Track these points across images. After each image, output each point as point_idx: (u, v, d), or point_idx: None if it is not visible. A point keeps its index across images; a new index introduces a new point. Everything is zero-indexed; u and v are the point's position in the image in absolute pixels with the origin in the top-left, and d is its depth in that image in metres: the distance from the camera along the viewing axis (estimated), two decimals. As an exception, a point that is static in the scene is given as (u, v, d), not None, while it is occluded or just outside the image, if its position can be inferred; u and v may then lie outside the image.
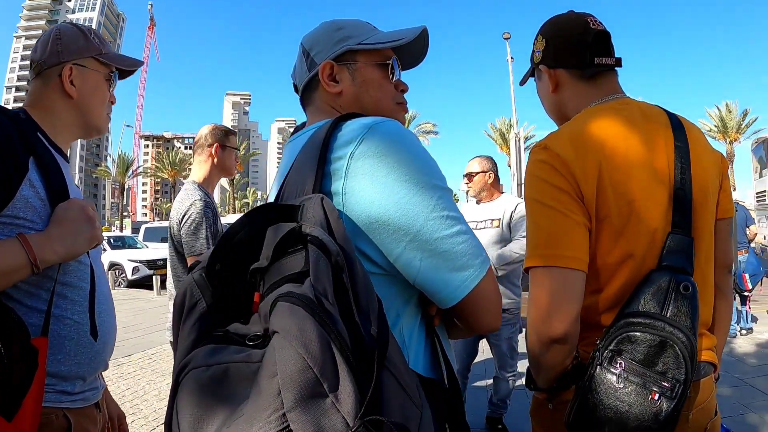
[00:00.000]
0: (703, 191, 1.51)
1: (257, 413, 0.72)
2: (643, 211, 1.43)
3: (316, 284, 0.80)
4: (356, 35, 1.35)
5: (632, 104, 1.61)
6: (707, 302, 1.56)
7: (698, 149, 1.55)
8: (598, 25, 1.65)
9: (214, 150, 3.35)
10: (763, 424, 4.79)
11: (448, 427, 1.09)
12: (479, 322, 1.17)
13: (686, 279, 1.35)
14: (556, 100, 1.77)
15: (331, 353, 0.73)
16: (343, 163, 1.08)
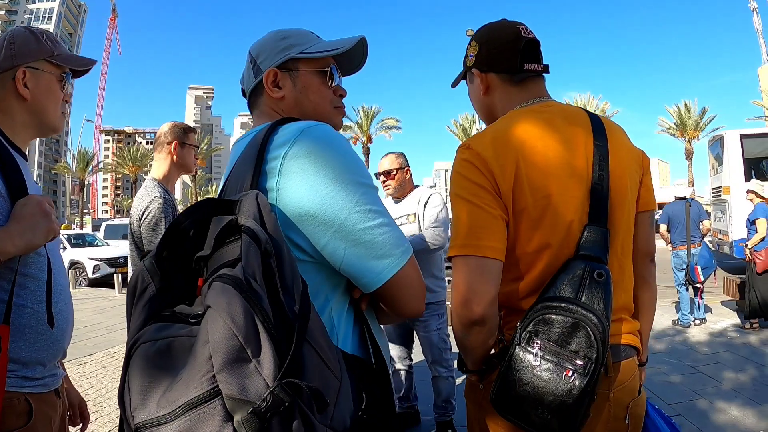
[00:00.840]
0: (620, 186, 1.63)
1: (192, 375, 0.86)
2: (559, 204, 1.54)
3: (246, 268, 0.94)
4: (299, 44, 1.47)
5: (555, 107, 1.73)
6: (626, 289, 1.70)
7: (617, 148, 1.67)
8: (528, 34, 1.76)
9: (173, 147, 3.41)
10: (711, 409, 5.02)
11: (371, 400, 1.22)
12: (403, 306, 1.31)
13: (600, 267, 1.47)
14: (486, 103, 1.87)
15: (254, 325, 0.87)
16: (278, 163, 1.22)
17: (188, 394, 0.85)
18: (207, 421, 0.84)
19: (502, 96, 1.81)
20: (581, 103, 55.03)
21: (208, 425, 0.84)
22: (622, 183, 1.64)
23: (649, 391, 5.50)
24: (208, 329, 0.87)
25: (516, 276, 1.60)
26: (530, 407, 1.40)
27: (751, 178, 14.79)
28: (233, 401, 0.84)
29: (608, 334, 1.40)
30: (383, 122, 58.70)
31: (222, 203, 1.13)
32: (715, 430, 4.57)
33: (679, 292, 8.82)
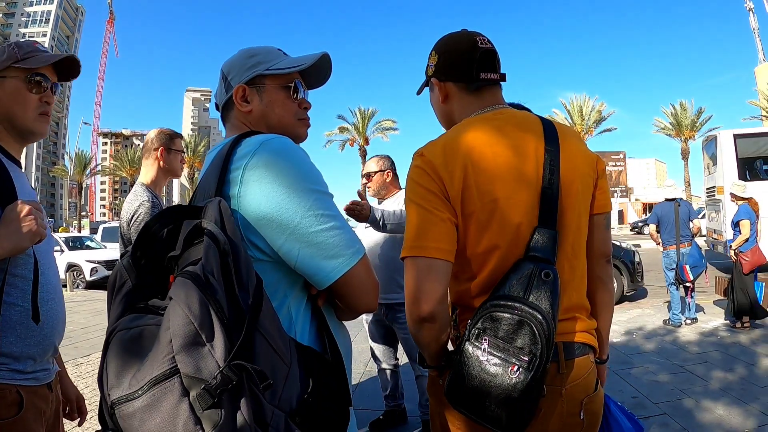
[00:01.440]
0: (571, 191, 1.69)
1: (156, 356, 1.01)
2: (507, 208, 1.62)
3: (205, 265, 1.08)
4: (266, 61, 1.61)
5: (507, 114, 1.80)
6: (578, 288, 1.76)
7: (569, 153, 1.73)
8: (486, 44, 1.83)
9: (160, 153, 3.56)
10: (697, 408, 5.05)
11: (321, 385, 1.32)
12: (355, 302, 1.46)
13: (548, 267, 1.55)
14: (445, 110, 1.94)
15: (208, 314, 1.02)
16: (239, 173, 1.35)
17: (153, 372, 1.00)
18: (168, 396, 0.98)
19: (460, 104, 1.87)
20: (577, 103, 55.05)
21: (169, 399, 0.98)
22: (573, 187, 1.70)
23: (636, 390, 5.59)
24: (170, 317, 1.01)
25: (468, 276, 1.69)
26: (479, 400, 1.49)
27: (745, 177, 14.88)
28: (189, 379, 0.98)
29: (554, 331, 1.48)
30: (380, 124, 58.61)
31: (190, 209, 1.27)
32: (700, 429, 4.61)
33: (669, 292, 8.91)
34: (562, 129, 1.80)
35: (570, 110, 55.31)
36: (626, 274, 11.34)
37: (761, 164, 15.86)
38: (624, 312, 10.11)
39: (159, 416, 0.97)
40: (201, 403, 0.97)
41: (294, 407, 1.19)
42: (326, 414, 1.32)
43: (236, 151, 1.39)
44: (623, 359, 6.88)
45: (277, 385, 1.13)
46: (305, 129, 1.71)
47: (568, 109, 55.60)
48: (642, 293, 12.67)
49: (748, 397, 5.27)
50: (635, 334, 8.27)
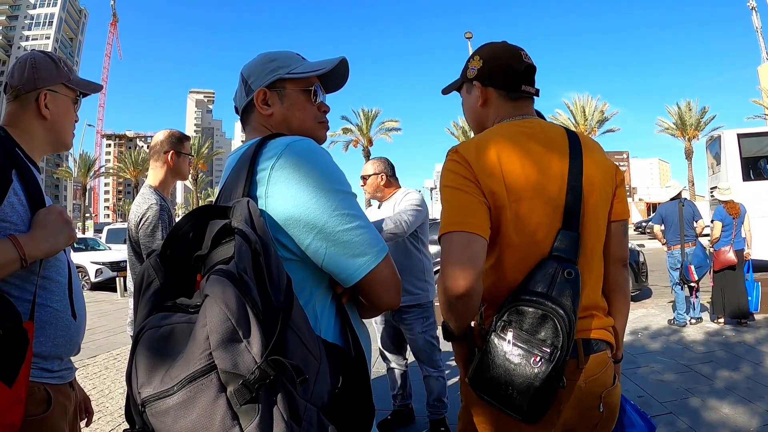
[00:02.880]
0: (592, 197, 1.80)
1: (193, 353, 1.02)
2: (531, 209, 1.73)
3: (238, 264, 1.10)
4: (286, 65, 1.64)
5: (535, 123, 1.91)
6: (594, 288, 1.87)
7: (592, 162, 1.84)
8: (528, 60, 1.95)
9: (170, 157, 3.55)
10: (703, 407, 5.06)
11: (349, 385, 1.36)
12: (379, 299, 1.49)
13: (571, 266, 1.67)
14: (481, 113, 2.02)
15: (245, 310, 1.04)
16: (266, 174, 1.38)
17: (188, 369, 1.01)
18: (204, 392, 0.99)
19: (497, 109, 1.97)
20: (580, 103, 55.01)
21: (206, 395, 0.99)
22: (593, 195, 1.81)
23: (642, 390, 5.60)
24: (206, 314, 1.03)
25: (495, 271, 1.77)
26: (502, 388, 1.59)
27: (748, 177, 14.90)
28: (227, 374, 1.00)
29: (574, 326, 1.59)
30: (383, 124, 58.56)
31: (217, 209, 1.29)
32: (705, 428, 4.61)
33: (674, 292, 8.94)
34: (585, 140, 1.92)
35: (573, 110, 55.29)
36: (631, 274, 11.28)
37: (765, 164, 15.85)
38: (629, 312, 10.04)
39: (195, 412, 0.99)
40: (238, 399, 0.99)
41: (325, 402, 1.21)
42: (353, 411, 1.36)
43: (262, 153, 1.42)
44: (629, 359, 6.87)
45: (310, 380, 1.15)
46: (324, 132, 1.74)
47: (571, 109, 55.59)
48: (647, 293, 12.63)
49: (753, 396, 5.28)
50: (640, 334, 8.27)
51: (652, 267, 13.49)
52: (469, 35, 29.36)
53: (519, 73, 1.92)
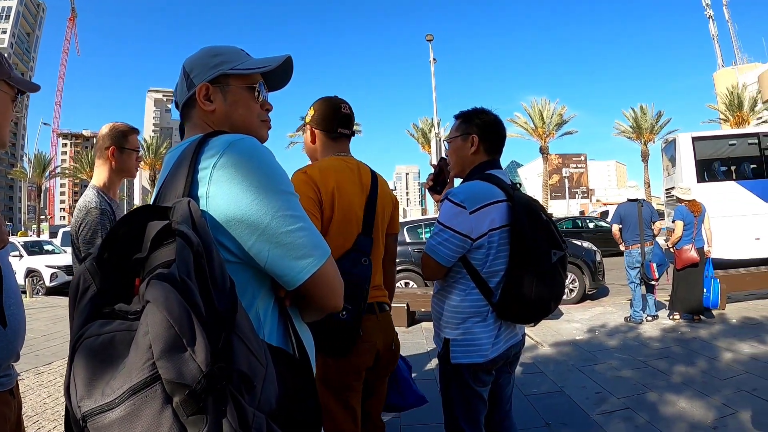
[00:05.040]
0: (380, 214, 2.67)
1: (135, 363, 0.96)
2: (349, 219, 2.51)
3: (180, 267, 1.05)
4: (230, 61, 1.61)
5: (352, 160, 2.73)
6: (378, 271, 2.71)
7: (382, 190, 2.73)
8: (347, 110, 2.75)
9: (112, 153, 3.30)
10: (660, 402, 5.16)
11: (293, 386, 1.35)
12: (323, 301, 1.47)
13: (366, 257, 2.46)
14: (312, 148, 2.82)
15: (189, 317, 0.98)
16: (208, 173, 1.33)
17: (131, 380, 0.94)
18: (149, 404, 0.94)
19: (323, 145, 2.75)
20: (538, 107, 55.48)
21: (151, 407, 0.94)
22: (381, 214, 2.70)
23: (599, 386, 5.70)
24: (148, 321, 0.97)
25: None
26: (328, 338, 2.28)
27: (702, 179, 15.27)
28: (172, 384, 0.94)
29: (367, 294, 2.40)
30: None
31: (157, 209, 1.24)
32: (663, 422, 4.68)
33: (631, 290, 9.10)
34: (379, 177, 2.77)
35: (531, 114, 55.72)
36: (588, 273, 11.58)
37: (719, 166, 16.27)
38: (586, 310, 10.31)
39: (140, 426, 0.94)
40: (185, 410, 0.94)
41: (273, 408, 1.18)
42: (301, 415, 1.35)
43: (203, 151, 1.38)
44: (586, 356, 7.00)
45: (257, 386, 1.12)
46: (266, 130, 1.72)
47: (529, 112, 55.97)
48: (604, 291, 12.93)
49: (709, 389, 5.39)
50: (598, 332, 8.42)
51: (609, 266, 13.68)
52: (430, 38, 29.45)
53: (337, 120, 2.71)
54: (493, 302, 2.61)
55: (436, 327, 2.84)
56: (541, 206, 2.77)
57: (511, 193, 2.67)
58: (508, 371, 2.89)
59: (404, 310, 9.29)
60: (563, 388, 5.73)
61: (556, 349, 7.49)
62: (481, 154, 2.87)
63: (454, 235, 2.59)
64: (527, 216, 2.60)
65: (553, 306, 2.67)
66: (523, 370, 6.46)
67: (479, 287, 2.64)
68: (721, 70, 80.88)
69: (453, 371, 2.69)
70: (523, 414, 4.93)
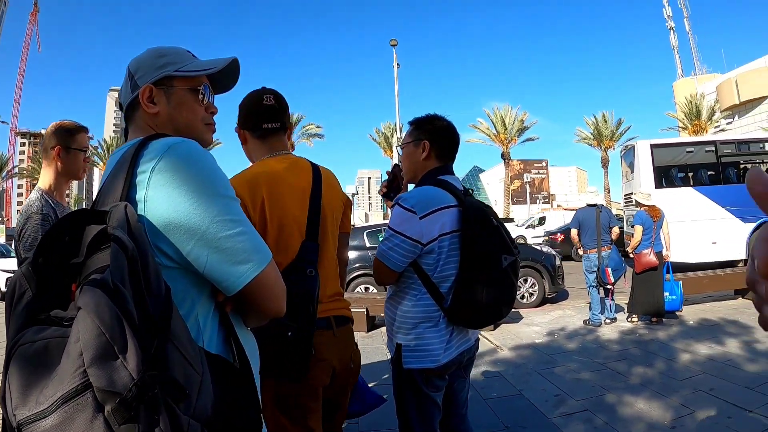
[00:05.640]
0: (328, 215, 2.42)
1: (66, 371, 0.93)
2: (288, 229, 2.26)
3: (113, 273, 1.02)
4: (175, 62, 1.57)
5: (287, 158, 2.46)
6: (333, 280, 2.49)
7: (328, 187, 2.47)
8: (270, 101, 2.46)
9: (57, 153, 3.12)
10: (619, 403, 5.22)
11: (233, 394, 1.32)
12: (265, 307, 1.45)
13: (312, 267, 2.19)
14: (245, 149, 2.58)
15: (120, 324, 0.96)
16: (146, 176, 1.30)
17: (63, 388, 0.92)
18: (81, 412, 0.91)
19: (252, 147, 2.53)
20: (500, 113, 56.21)
21: (82, 415, 0.91)
22: (329, 212, 2.43)
23: (558, 388, 5.76)
24: (79, 328, 0.95)
25: None
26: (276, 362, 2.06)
27: (660, 185, 15.55)
28: (103, 393, 0.92)
29: (315, 307, 2.14)
30: (306, 129, 57.47)
31: (94, 213, 1.21)
32: (622, 423, 4.73)
33: (590, 294, 9.23)
34: (324, 171, 2.53)
35: (493, 119, 56.38)
36: (547, 277, 11.73)
37: (676, 172, 16.59)
38: (546, 314, 10.42)
39: None
40: (117, 418, 0.92)
41: (209, 415, 1.15)
42: (241, 423, 1.32)
43: (143, 154, 1.34)
44: (546, 359, 7.06)
45: (191, 394, 1.09)
46: (211, 134, 1.69)
47: (491, 118, 56.69)
48: (563, 295, 13.10)
49: (667, 390, 5.49)
50: (557, 335, 8.51)
51: (569, 270, 13.84)
52: (395, 43, 29.67)
53: (259, 115, 2.45)
54: (445, 307, 2.60)
55: (389, 332, 2.83)
56: (493, 212, 2.78)
57: (462, 198, 2.66)
58: (462, 375, 2.88)
59: (364, 315, 9.27)
60: (522, 391, 5.75)
61: (516, 352, 7.53)
62: (432, 160, 2.83)
63: (405, 240, 2.57)
64: (478, 221, 2.59)
65: (505, 311, 2.67)
66: (483, 374, 6.49)
67: (430, 292, 2.62)
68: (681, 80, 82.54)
69: (406, 376, 2.66)
70: (482, 417, 4.96)
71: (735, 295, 10.75)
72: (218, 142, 54.38)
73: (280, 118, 2.48)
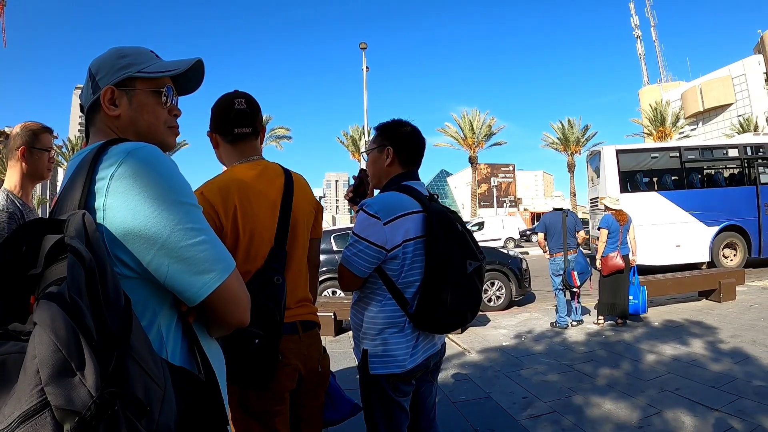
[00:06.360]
0: (299, 221, 2.43)
1: (23, 389, 0.88)
2: (258, 237, 2.26)
3: (70, 285, 0.98)
4: (138, 63, 1.52)
5: (259, 164, 2.45)
6: (302, 286, 2.50)
7: (300, 193, 2.47)
8: (242, 105, 2.43)
9: (21, 154, 3.13)
10: (586, 404, 5.27)
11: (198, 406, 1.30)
12: (228, 317, 1.40)
13: (279, 274, 2.22)
14: (217, 154, 2.57)
15: (77, 339, 0.91)
16: (105, 183, 1.25)
17: (21, 407, 0.87)
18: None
19: (224, 151, 2.51)
20: (468, 117, 56.44)
21: None
22: (299, 219, 2.43)
23: (526, 391, 5.79)
24: (35, 344, 0.90)
25: None
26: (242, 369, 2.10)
27: (626, 189, 15.78)
28: (61, 411, 0.87)
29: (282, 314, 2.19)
30: (273, 131, 56.80)
31: (52, 222, 1.16)
32: (589, 424, 4.77)
33: (556, 296, 9.34)
34: (296, 177, 2.54)
35: (461, 124, 56.62)
36: (514, 280, 11.86)
37: (641, 177, 16.86)
38: (513, 316, 10.49)
39: None
40: None
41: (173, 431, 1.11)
42: None
43: (102, 159, 1.29)
44: (513, 361, 7.10)
45: (154, 410, 1.05)
46: (174, 138, 1.64)
47: (459, 122, 56.90)
48: (530, 298, 13.24)
49: (633, 390, 5.57)
50: (524, 337, 8.56)
51: (535, 273, 14.00)
52: (364, 46, 29.67)
53: (230, 119, 2.42)
54: (410, 313, 2.59)
55: (355, 338, 2.81)
56: (458, 217, 2.79)
57: (427, 204, 2.65)
58: (429, 380, 2.87)
59: (331, 319, 9.22)
60: (491, 394, 5.77)
61: (484, 355, 7.55)
62: (396, 166, 2.82)
63: (369, 246, 2.55)
64: (442, 227, 2.58)
65: (470, 316, 2.67)
66: (451, 377, 6.50)
67: (395, 298, 2.61)
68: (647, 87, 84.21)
69: (372, 382, 2.65)
70: (451, 421, 4.98)
71: (699, 297, 11.01)
72: (185, 143, 53.89)
73: (251, 123, 2.46)
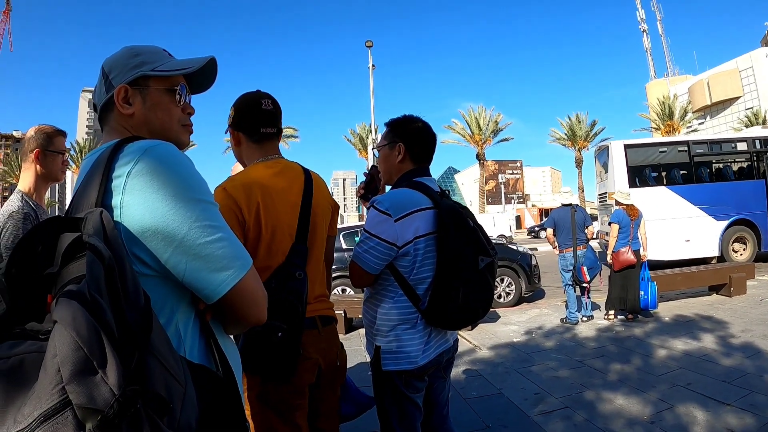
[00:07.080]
0: (318, 219, 2.48)
1: (44, 388, 0.88)
2: (280, 233, 2.31)
3: (90, 283, 0.97)
4: (151, 62, 1.52)
5: (282, 164, 2.50)
6: (320, 282, 2.55)
7: (318, 192, 2.52)
8: (269, 106, 2.49)
9: (35, 156, 3.19)
10: (598, 400, 5.26)
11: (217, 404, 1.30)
12: (245, 315, 1.41)
13: (300, 269, 2.27)
14: (237, 152, 2.60)
15: (98, 337, 0.91)
16: (122, 181, 1.25)
17: (41, 406, 0.86)
18: (61, 431, 0.86)
19: (246, 150, 2.54)
20: (475, 114, 56.53)
21: None
22: (319, 216, 2.49)
23: (537, 387, 5.79)
24: (56, 343, 0.89)
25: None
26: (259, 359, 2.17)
27: (634, 184, 15.70)
28: (83, 410, 0.86)
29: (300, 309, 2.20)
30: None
31: (68, 221, 1.15)
32: (601, 419, 4.75)
33: (566, 292, 9.33)
34: (315, 176, 2.59)
35: (468, 120, 56.58)
36: (524, 276, 11.85)
37: (650, 172, 16.79)
38: (523, 312, 10.47)
39: None
40: None
41: (194, 428, 1.11)
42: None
43: (118, 158, 1.29)
44: (524, 357, 7.10)
45: (175, 408, 1.04)
46: (188, 136, 1.65)
47: (466, 119, 56.88)
48: (540, 294, 13.22)
49: (645, 386, 5.55)
50: (534, 333, 8.55)
51: (545, 269, 13.98)
52: (370, 44, 29.67)
53: (258, 118, 2.46)
54: (422, 309, 2.60)
55: (367, 335, 2.83)
56: (470, 213, 2.80)
57: (438, 200, 2.65)
58: (442, 377, 2.87)
59: (341, 317, 9.21)
60: (502, 390, 5.77)
61: (494, 351, 7.54)
62: (407, 162, 2.83)
63: (380, 242, 2.56)
64: (453, 223, 2.58)
65: (482, 312, 2.67)
66: (462, 374, 6.50)
67: (407, 294, 2.62)
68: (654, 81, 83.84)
69: (385, 378, 2.65)
70: (463, 417, 4.97)
71: (709, 292, 10.97)
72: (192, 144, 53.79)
73: (276, 123, 2.54)
